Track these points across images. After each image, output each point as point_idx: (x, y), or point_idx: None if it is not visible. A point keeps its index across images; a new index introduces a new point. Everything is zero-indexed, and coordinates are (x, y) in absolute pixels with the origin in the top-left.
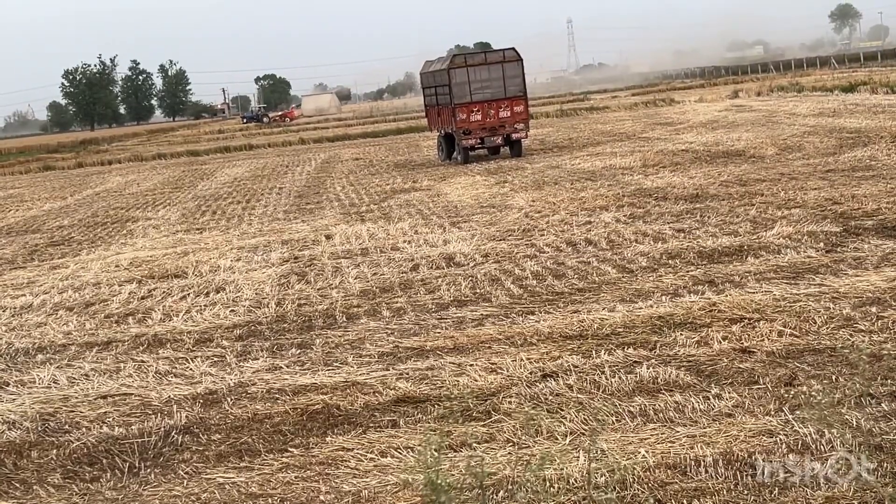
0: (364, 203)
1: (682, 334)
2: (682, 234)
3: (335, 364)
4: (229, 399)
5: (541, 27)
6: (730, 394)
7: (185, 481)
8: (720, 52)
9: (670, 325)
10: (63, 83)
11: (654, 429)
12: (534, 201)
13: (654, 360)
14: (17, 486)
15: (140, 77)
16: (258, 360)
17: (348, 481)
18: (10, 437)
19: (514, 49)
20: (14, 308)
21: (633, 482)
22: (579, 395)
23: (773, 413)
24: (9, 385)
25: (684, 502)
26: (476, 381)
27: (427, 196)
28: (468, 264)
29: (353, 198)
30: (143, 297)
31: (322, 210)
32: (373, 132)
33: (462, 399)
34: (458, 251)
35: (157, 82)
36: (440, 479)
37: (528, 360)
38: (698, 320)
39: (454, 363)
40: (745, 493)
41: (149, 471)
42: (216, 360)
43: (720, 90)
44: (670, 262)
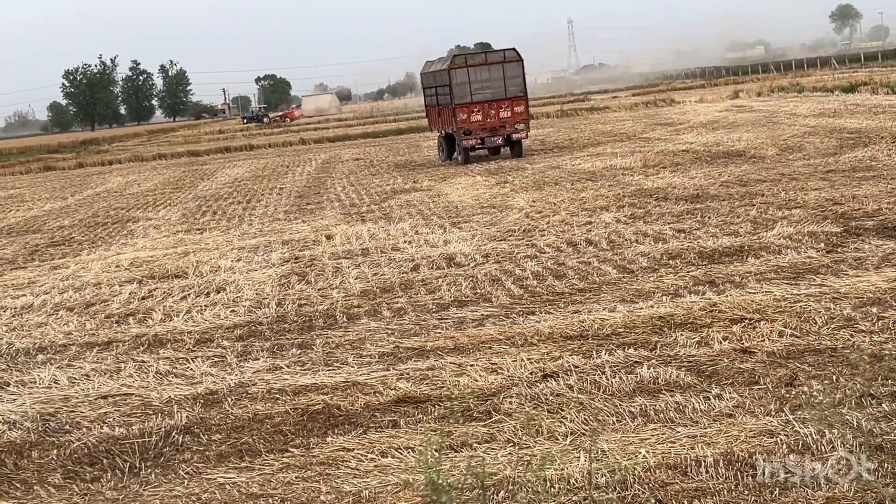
0: (364, 203)
1: (682, 334)
2: (683, 235)
3: (336, 364)
4: (230, 399)
5: (541, 27)
6: (730, 394)
7: (186, 481)
8: (721, 53)
9: (671, 326)
10: (63, 83)
11: (654, 429)
12: (534, 202)
13: (654, 361)
14: (18, 486)
15: (140, 77)
16: (259, 360)
17: (349, 481)
18: (10, 437)
19: (514, 49)
20: (15, 308)
21: (633, 482)
22: (580, 396)
23: (773, 413)
24: (9, 385)
25: (685, 502)
26: (477, 381)
27: (427, 196)
28: (469, 264)
29: (354, 198)
30: (143, 298)
31: (322, 210)
32: (373, 132)
33: (463, 399)
34: (459, 251)
35: (158, 82)
36: (441, 480)
37: (529, 360)
38: (699, 320)
39: (455, 363)
40: (746, 493)
41: (149, 471)
42: (217, 360)
43: (720, 90)
44: (671, 262)
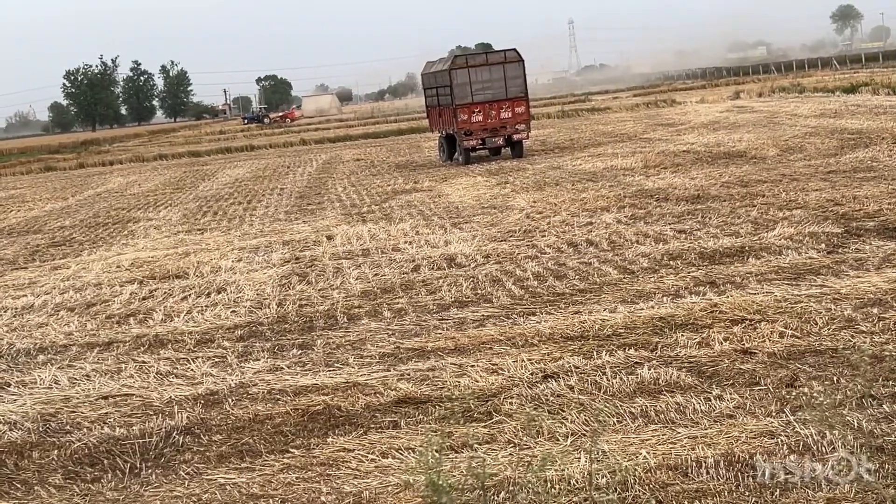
0: (365, 204)
1: (683, 335)
2: (684, 235)
3: (336, 365)
4: (230, 400)
5: (542, 28)
6: (731, 395)
7: (186, 482)
8: (722, 53)
9: (671, 326)
10: (64, 84)
11: (655, 430)
12: (535, 202)
13: (655, 361)
14: (19, 486)
15: (141, 78)
16: (259, 360)
17: (349, 482)
18: (11, 437)
19: (515, 50)
20: (15, 308)
21: (634, 483)
22: (580, 396)
23: (774, 414)
24: (10, 385)
25: (685, 503)
26: (477, 381)
27: (428, 197)
28: (469, 265)
29: (355, 198)
30: (144, 298)
31: (323, 211)
32: (374, 133)
33: (463, 400)
34: (460, 252)
35: (159, 83)
36: (441, 480)
37: (530, 360)
38: (699, 321)
39: (455, 364)
40: (747, 494)
41: (150, 471)
42: (217, 360)
43: (721, 91)
44: (671, 263)
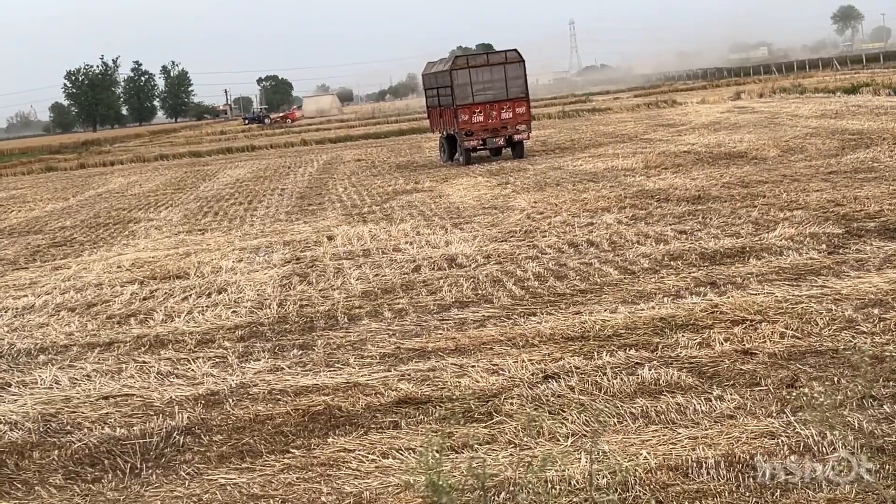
0: (366, 204)
1: (683, 336)
2: (684, 236)
3: (337, 365)
4: (231, 400)
5: (543, 28)
6: (731, 395)
7: (187, 482)
8: (723, 54)
9: (672, 327)
10: (65, 84)
11: (655, 430)
12: (536, 202)
13: (655, 362)
14: (19, 486)
15: (142, 78)
16: (260, 361)
17: (350, 482)
18: (11, 437)
19: (516, 50)
20: (16, 309)
21: (634, 484)
22: (581, 397)
23: (774, 415)
24: (11, 386)
25: (685, 503)
26: (478, 382)
27: (429, 197)
28: (470, 265)
29: (355, 199)
30: (144, 298)
31: (324, 211)
32: (375, 133)
33: (464, 400)
34: (460, 252)
35: (160, 83)
36: (442, 481)
37: (530, 361)
38: (700, 322)
39: (456, 364)
40: (747, 494)
41: (150, 472)
42: (218, 361)
43: (722, 92)
44: (672, 263)
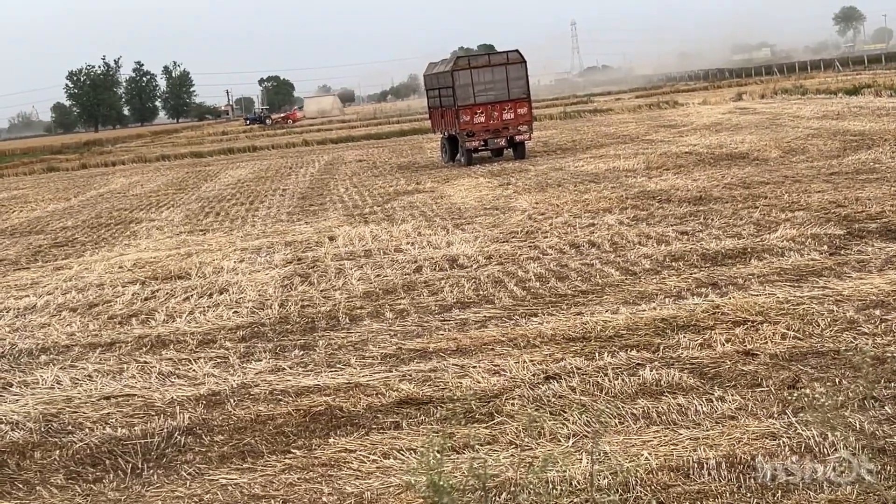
0: (367, 205)
1: (685, 337)
2: (686, 237)
3: (338, 365)
4: (232, 400)
5: (544, 29)
6: (733, 396)
7: (188, 482)
8: (725, 55)
9: (673, 328)
10: (67, 84)
11: (656, 431)
12: (537, 203)
13: (657, 363)
14: (20, 486)
15: (144, 78)
16: (261, 361)
17: (351, 483)
18: (13, 437)
19: (517, 51)
20: (18, 309)
21: (635, 484)
22: (582, 397)
23: (776, 416)
24: (12, 386)
25: None
26: (479, 382)
27: (430, 198)
28: (471, 266)
29: (357, 199)
30: (146, 299)
31: (325, 212)
32: (376, 134)
33: (465, 401)
34: (462, 253)
35: (161, 84)
36: (443, 481)
37: (531, 362)
38: (701, 323)
39: (457, 365)
40: (748, 495)
41: (151, 472)
42: (219, 361)
43: (724, 92)
44: (673, 264)
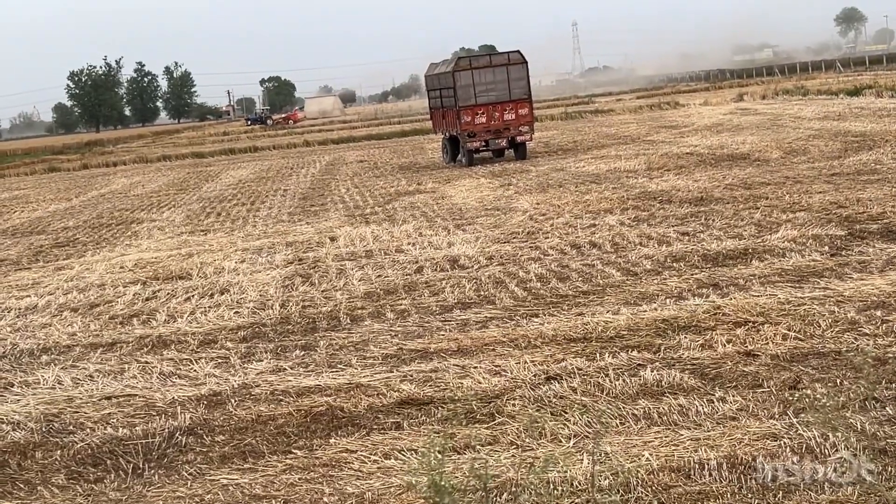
0: (368, 205)
1: (686, 337)
2: (687, 238)
3: (339, 366)
4: (233, 400)
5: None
6: (734, 397)
7: (189, 482)
8: (726, 56)
9: (674, 329)
10: (68, 85)
11: (657, 432)
12: (538, 204)
13: (658, 363)
14: (22, 486)
15: (145, 79)
16: (262, 361)
17: (352, 483)
18: (14, 437)
19: (518, 52)
20: (19, 309)
21: (636, 485)
22: (583, 398)
23: (777, 416)
24: (13, 386)
25: None
26: (480, 383)
27: (431, 198)
28: (472, 267)
29: (358, 200)
30: (147, 299)
31: (326, 212)
32: (377, 134)
33: (466, 401)
34: (463, 253)
35: (163, 84)
36: (444, 482)
37: (532, 362)
38: (703, 323)
39: (458, 365)
40: (749, 496)
41: (153, 472)
42: (220, 361)
43: (725, 93)
44: (675, 265)
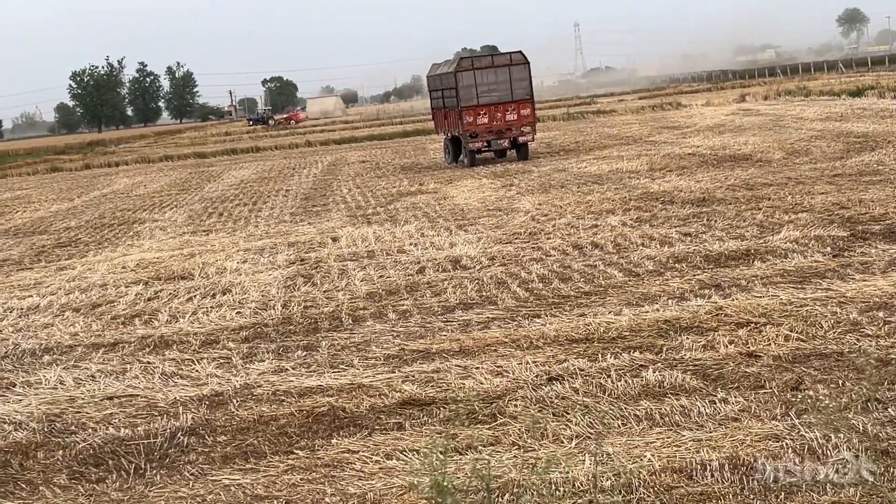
0: (370, 206)
1: (688, 338)
2: (689, 238)
3: (341, 366)
4: (235, 401)
5: (548, 30)
6: (736, 398)
7: (191, 483)
8: (728, 57)
9: (676, 329)
10: (71, 85)
11: (659, 433)
12: (540, 204)
13: (660, 364)
14: (23, 486)
15: (147, 79)
16: (264, 361)
17: (354, 483)
18: (16, 437)
19: (521, 52)
20: (21, 309)
21: (638, 486)
22: (585, 399)
23: (779, 417)
24: (15, 386)
25: None
26: (482, 383)
27: (433, 199)
28: (474, 267)
29: (360, 200)
30: (149, 299)
31: (328, 212)
32: (379, 135)
33: (468, 402)
34: (465, 254)
35: (165, 84)
36: (446, 482)
37: (534, 363)
38: (705, 324)
39: (460, 366)
40: (752, 497)
41: (154, 472)
42: (222, 361)
43: (727, 94)
44: (677, 265)
